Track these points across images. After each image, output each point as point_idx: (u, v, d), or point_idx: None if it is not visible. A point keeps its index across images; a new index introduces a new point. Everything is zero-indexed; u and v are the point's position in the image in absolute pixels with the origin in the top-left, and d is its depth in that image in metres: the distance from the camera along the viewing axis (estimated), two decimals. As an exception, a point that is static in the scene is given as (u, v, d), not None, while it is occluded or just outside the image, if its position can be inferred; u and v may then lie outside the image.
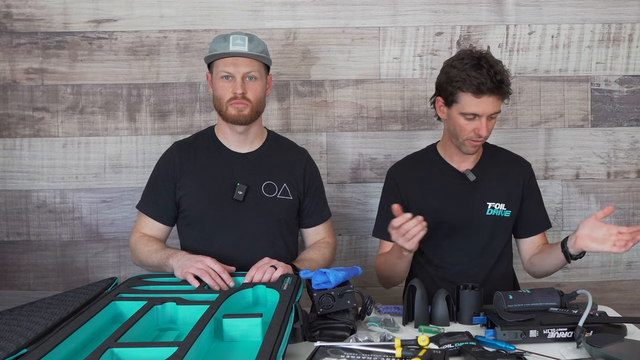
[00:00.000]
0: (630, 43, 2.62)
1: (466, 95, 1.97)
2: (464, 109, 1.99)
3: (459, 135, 2.04)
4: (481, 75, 1.95)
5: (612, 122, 2.64)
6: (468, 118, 2.00)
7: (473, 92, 1.96)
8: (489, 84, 1.94)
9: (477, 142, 2.04)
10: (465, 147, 2.06)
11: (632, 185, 2.67)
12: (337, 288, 1.71)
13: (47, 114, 2.56)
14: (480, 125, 1.99)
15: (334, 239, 2.25)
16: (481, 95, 1.96)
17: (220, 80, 2.04)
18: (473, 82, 1.95)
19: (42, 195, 2.58)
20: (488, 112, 1.99)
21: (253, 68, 2.04)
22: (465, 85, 1.96)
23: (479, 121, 2.00)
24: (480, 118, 1.99)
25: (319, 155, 2.59)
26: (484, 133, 2.00)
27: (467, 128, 2.01)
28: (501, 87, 1.97)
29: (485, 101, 1.97)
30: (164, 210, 2.12)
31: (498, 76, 1.96)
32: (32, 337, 1.38)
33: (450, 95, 2.02)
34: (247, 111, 2.04)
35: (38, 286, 2.59)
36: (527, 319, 1.65)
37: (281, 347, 1.36)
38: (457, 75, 1.98)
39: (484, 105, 1.97)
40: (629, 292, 2.69)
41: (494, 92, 1.96)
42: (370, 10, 2.57)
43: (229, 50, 2.01)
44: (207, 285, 1.78)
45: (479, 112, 1.98)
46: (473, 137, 2.02)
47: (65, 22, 2.54)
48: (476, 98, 1.96)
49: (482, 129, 1.99)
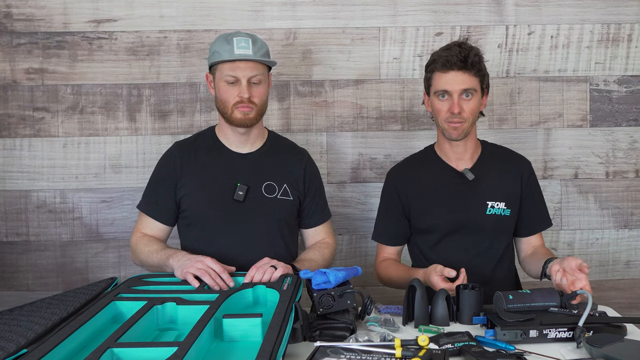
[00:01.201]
0: (629, 43, 2.62)
1: (437, 73, 2.06)
2: (435, 87, 2.07)
3: (438, 119, 2.09)
4: (449, 53, 2.04)
5: (610, 122, 2.65)
6: (441, 97, 2.06)
7: (440, 69, 2.04)
8: (454, 58, 2.02)
9: (455, 124, 2.06)
10: (447, 131, 2.08)
11: (630, 185, 2.67)
12: (337, 288, 1.71)
13: (47, 114, 2.56)
14: (452, 103, 2.04)
15: (334, 240, 2.26)
16: (448, 71, 2.03)
17: (225, 83, 2.04)
18: (441, 59, 2.04)
19: (42, 195, 2.58)
20: (458, 88, 2.03)
21: (258, 72, 2.04)
22: (435, 64, 2.06)
23: (450, 99, 2.04)
24: (452, 95, 2.04)
25: (319, 155, 2.59)
26: (455, 109, 2.03)
27: (442, 108, 2.06)
28: (466, 62, 2.03)
29: (453, 76, 2.03)
30: (165, 210, 2.13)
31: (463, 52, 2.03)
32: (32, 337, 1.38)
33: (427, 81, 2.11)
34: (252, 114, 2.05)
35: (37, 287, 2.59)
36: (527, 319, 1.65)
37: (281, 347, 1.36)
38: (430, 60, 2.09)
39: (452, 81, 2.03)
40: (627, 290, 2.69)
41: (460, 66, 2.03)
42: (370, 10, 2.57)
43: (233, 53, 2.00)
44: (207, 285, 1.78)
45: (448, 88, 2.04)
46: (449, 117, 2.05)
47: (66, 22, 2.54)
48: (444, 74, 2.04)
49: (454, 106, 2.03)
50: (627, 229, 2.68)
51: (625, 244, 2.69)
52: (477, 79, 2.05)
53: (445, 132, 2.08)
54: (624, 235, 2.68)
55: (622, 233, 2.68)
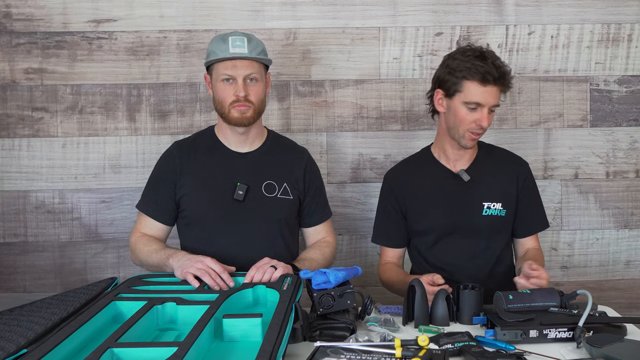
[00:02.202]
0: (629, 43, 2.62)
1: (472, 83, 1.99)
2: (467, 97, 2.00)
3: (459, 126, 2.04)
4: (486, 64, 1.98)
5: (611, 122, 2.64)
6: (470, 108, 2.01)
7: (479, 81, 1.98)
8: (494, 73, 1.97)
9: (477, 135, 2.05)
10: (464, 139, 2.05)
11: (630, 185, 2.67)
12: (337, 288, 1.71)
13: (47, 114, 2.56)
14: (482, 116, 2.00)
15: (334, 239, 2.25)
16: (486, 84, 1.98)
17: (221, 82, 2.04)
18: (479, 70, 1.97)
19: (40, 195, 2.58)
20: (490, 103, 2.00)
21: (254, 70, 2.03)
22: (470, 73, 1.98)
23: (480, 112, 2.00)
24: (482, 108, 2.00)
25: (319, 155, 2.59)
26: (485, 124, 2.01)
27: (468, 119, 2.02)
28: (504, 78, 2.00)
29: (489, 91, 1.99)
30: (164, 210, 2.12)
31: (501, 68, 2.00)
32: (32, 337, 1.38)
33: (453, 85, 2.02)
34: (250, 113, 2.04)
35: (34, 288, 2.58)
36: (527, 319, 1.65)
37: (281, 347, 1.35)
38: (461, 65, 2.00)
39: (488, 95, 1.99)
40: (627, 290, 2.69)
41: (497, 82, 1.99)
42: (370, 10, 2.57)
43: (228, 52, 2.01)
44: (207, 285, 1.78)
45: (483, 101, 1.99)
46: (474, 128, 2.02)
47: (65, 22, 2.53)
48: (482, 86, 1.98)
49: (483, 120, 2.00)
50: (627, 229, 2.68)
51: (626, 244, 2.68)
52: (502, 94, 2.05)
53: (462, 140, 2.05)
54: (624, 235, 2.68)
55: (622, 233, 2.68)
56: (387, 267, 2.20)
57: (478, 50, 2.03)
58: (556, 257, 2.67)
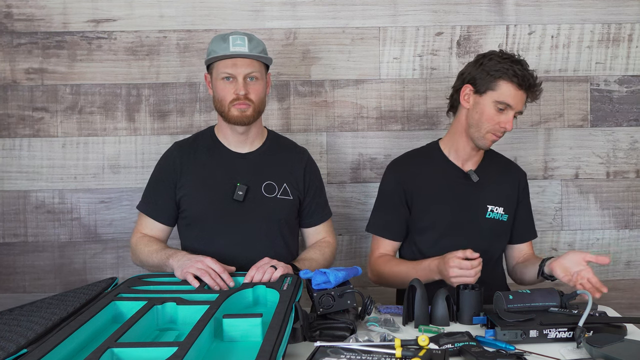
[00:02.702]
0: (629, 43, 2.62)
1: (508, 84, 2.01)
2: (500, 97, 2.01)
3: (483, 125, 2.05)
4: (524, 69, 2.02)
5: (611, 122, 2.64)
6: (499, 108, 2.02)
7: (517, 83, 2.00)
8: (530, 80, 2.02)
9: (497, 137, 2.06)
10: (483, 139, 2.06)
11: (631, 185, 2.67)
12: (337, 288, 1.71)
13: (47, 114, 2.56)
14: (508, 118, 2.02)
15: (334, 239, 2.25)
16: (521, 88, 2.01)
17: (221, 81, 2.04)
18: (518, 72, 2.00)
19: (40, 195, 2.57)
20: (519, 108, 2.04)
21: (254, 68, 2.03)
22: (508, 74, 2.00)
23: (507, 114, 2.02)
24: (510, 111, 2.02)
25: (319, 155, 2.59)
26: (509, 127, 2.03)
27: (495, 119, 2.03)
28: (535, 88, 2.04)
29: (522, 95, 2.02)
30: (165, 211, 2.12)
31: (536, 78, 2.04)
32: (32, 337, 1.38)
33: (487, 82, 2.03)
34: (249, 112, 2.04)
35: (34, 288, 2.57)
36: (527, 319, 1.65)
37: (281, 347, 1.35)
38: (499, 65, 2.02)
39: (519, 99, 2.02)
40: (628, 291, 2.69)
41: (530, 90, 2.03)
42: (370, 10, 2.57)
43: (229, 51, 2.01)
44: (207, 285, 1.78)
45: (514, 104, 2.01)
46: (497, 129, 2.04)
47: (65, 22, 2.53)
48: (516, 89, 2.01)
49: (508, 123, 2.02)
50: (627, 229, 2.68)
51: (626, 244, 2.68)
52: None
53: (483, 140, 2.06)
54: (624, 236, 2.68)
55: (622, 233, 2.68)
56: (385, 259, 2.14)
57: (516, 56, 2.06)
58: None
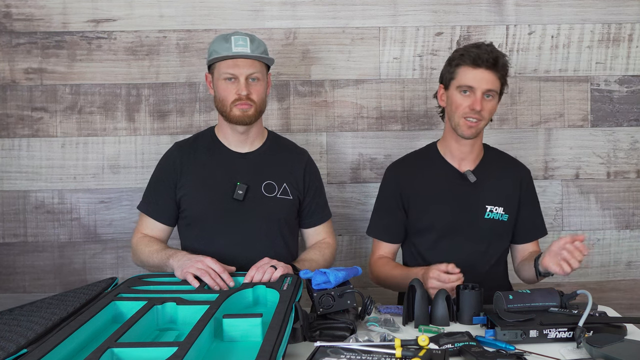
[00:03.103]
0: (630, 43, 2.62)
1: (464, 67, 2.03)
2: (460, 81, 2.04)
3: (455, 114, 2.06)
4: (479, 50, 2.02)
5: (611, 122, 2.64)
6: (463, 91, 2.03)
7: (470, 64, 2.02)
8: (485, 56, 2.01)
9: (472, 123, 2.04)
10: (461, 127, 2.06)
11: (632, 185, 2.67)
12: (337, 288, 1.70)
13: (46, 114, 2.55)
14: (474, 100, 2.01)
15: (334, 240, 2.25)
16: (477, 67, 2.01)
17: (223, 81, 2.04)
18: (471, 54, 2.02)
19: (40, 195, 2.57)
20: (483, 87, 2.01)
21: (256, 69, 2.04)
22: (462, 59, 2.04)
23: (473, 96, 2.02)
24: (475, 92, 2.01)
25: (319, 155, 2.58)
26: (477, 106, 2.01)
27: (463, 103, 2.04)
28: (497, 63, 2.02)
29: (481, 74, 2.01)
30: (165, 211, 2.12)
31: (495, 53, 2.02)
32: (32, 337, 1.38)
33: (449, 74, 2.07)
34: (251, 112, 2.05)
35: (34, 288, 2.57)
36: (527, 319, 1.64)
37: (281, 347, 1.35)
38: (456, 54, 2.07)
39: (480, 78, 2.01)
40: (629, 291, 2.69)
41: (489, 66, 2.01)
42: (370, 10, 2.57)
43: (231, 51, 2.01)
44: (207, 285, 1.77)
45: (474, 84, 2.01)
46: (468, 113, 2.03)
47: (65, 22, 2.53)
48: (473, 69, 2.01)
49: (476, 103, 2.01)
50: (628, 229, 2.67)
51: (627, 244, 2.68)
52: (499, 83, 2.05)
53: (459, 128, 2.06)
54: (625, 236, 2.67)
55: (623, 234, 2.67)
56: (384, 262, 2.17)
57: (476, 42, 2.09)
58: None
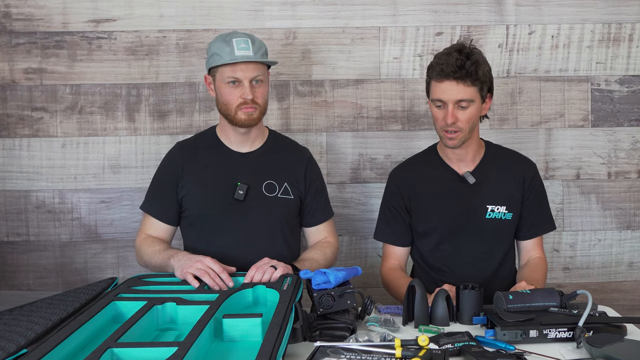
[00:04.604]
0: (630, 43, 2.61)
1: (433, 82, 2.00)
2: (432, 95, 2.01)
3: (435, 126, 2.05)
4: (445, 60, 1.96)
5: (612, 122, 2.64)
6: (437, 106, 2.00)
7: (436, 77, 1.98)
8: (449, 68, 1.94)
9: (452, 134, 2.00)
10: (443, 140, 2.04)
11: (632, 185, 2.66)
12: (337, 288, 1.71)
13: (46, 114, 2.56)
14: (446, 113, 1.98)
15: (336, 239, 2.24)
16: (442, 80, 1.96)
17: (227, 85, 2.03)
18: (436, 68, 1.97)
19: (41, 195, 2.57)
20: (452, 98, 1.96)
21: (259, 72, 2.04)
22: (431, 72, 2.00)
23: (445, 109, 1.98)
24: (446, 105, 1.97)
25: (319, 155, 2.58)
26: (449, 120, 1.97)
27: (438, 117, 2.01)
28: (461, 71, 1.94)
29: (447, 86, 1.96)
30: (168, 211, 2.13)
31: (460, 61, 1.94)
32: (32, 337, 1.38)
33: (427, 86, 2.06)
34: (256, 114, 2.05)
35: (37, 286, 2.58)
36: (527, 319, 1.64)
37: (281, 347, 1.35)
38: (430, 64, 2.03)
39: (447, 90, 1.96)
40: (630, 292, 2.68)
41: (457, 77, 1.94)
42: (370, 10, 2.57)
43: (234, 55, 2.00)
44: (207, 285, 1.77)
45: (443, 97, 1.97)
46: (444, 126, 2.00)
47: (65, 22, 2.53)
48: (439, 83, 1.97)
49: (448, 116, 1.96)
50: (629, 230, 2.67)
51: (628, 245, 2.67)
52: (474, 88, 1.97)
53: (442, 140, 2.05)
54: (626, 237, 2.67)
55: (624, 234, 2.67)
56: (391, 271, 2.14)
57: (449, 47, 2.02)
58: (558, 258, 2.66)
